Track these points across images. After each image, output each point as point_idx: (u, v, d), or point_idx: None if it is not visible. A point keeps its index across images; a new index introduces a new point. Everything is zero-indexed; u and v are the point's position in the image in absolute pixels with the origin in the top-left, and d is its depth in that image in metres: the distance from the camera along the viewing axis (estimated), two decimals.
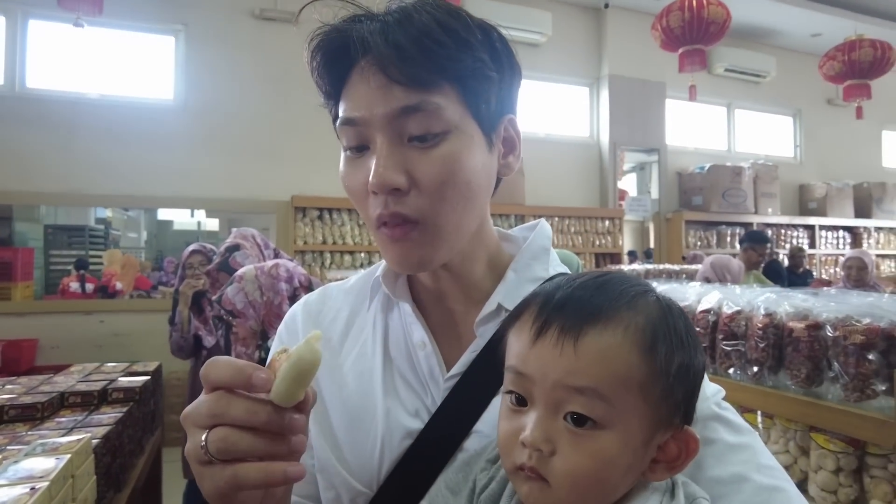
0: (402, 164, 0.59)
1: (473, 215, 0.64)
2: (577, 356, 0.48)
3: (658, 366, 0.49)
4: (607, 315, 0.50)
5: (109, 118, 4.49)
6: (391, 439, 0.66)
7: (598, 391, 0.48)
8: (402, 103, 0.58)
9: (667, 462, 0.51)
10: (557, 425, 0.49)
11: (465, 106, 0.61)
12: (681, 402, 0.51)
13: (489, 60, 0.61)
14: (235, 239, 2.52)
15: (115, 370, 2.17)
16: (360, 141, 0.61)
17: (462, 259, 0.68)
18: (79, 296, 4.57)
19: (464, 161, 0.60)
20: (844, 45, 5.01)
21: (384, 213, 0.60)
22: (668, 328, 0.50)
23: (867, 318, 1.25)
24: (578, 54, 6.35)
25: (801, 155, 7.84)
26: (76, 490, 1.19)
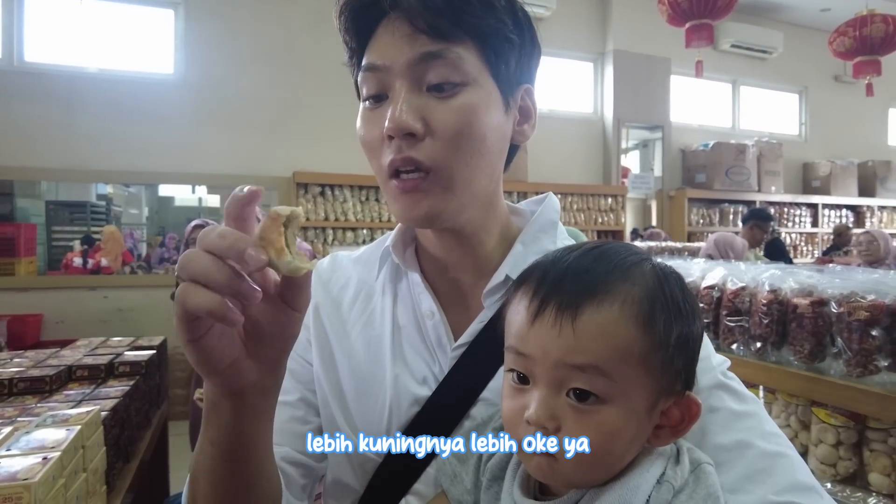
0: (419, 111, 0.60)
1: (486, 173, 0.65)
2: (576, 334, 0.48)
3: (657, 337, 0.49)
4: (604, 290, 0.50)
5: (109, 93, 4.45)
6: (399, 405, 0.67)
7: (599, 367, 0.48)
8: (425, 49, 0.59)
9: (670, 427, 0.52)
10: (560, 402, 0.49)
11: (485, 63, 0.62)
12: (682, 370, 0.51)
13: (511, 25, 0.63)
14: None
15: (121, 344, 2.19)
16: (379, 89, 0.62)
17: (476, 230, 0.69)
18: (81, 271, 4.59)
19: (480, 114, 0.61)
20: (856, 20, 4.92)
21: (396, 159, 0.60)
22: (665, 298, 0.51)
23: (872, 294, 1.25)
24: (583, 29, 6.26)
25: (806, 132, 7.77)
26: (87, 460, 1.21)
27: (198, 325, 0.45)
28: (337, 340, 0.74)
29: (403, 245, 0.75)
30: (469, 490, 0.59)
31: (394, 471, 0.67)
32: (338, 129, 4.67)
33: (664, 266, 0.54)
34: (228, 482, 0.55)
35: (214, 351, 0.47)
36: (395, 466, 0.67)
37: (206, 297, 0.42)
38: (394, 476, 0.67)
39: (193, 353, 0.46)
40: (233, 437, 0.53)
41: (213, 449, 0.54)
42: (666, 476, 0.50)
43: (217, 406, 0.52)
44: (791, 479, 0.56)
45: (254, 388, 0.51)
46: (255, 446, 0.55)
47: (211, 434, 0.53)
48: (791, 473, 0.56)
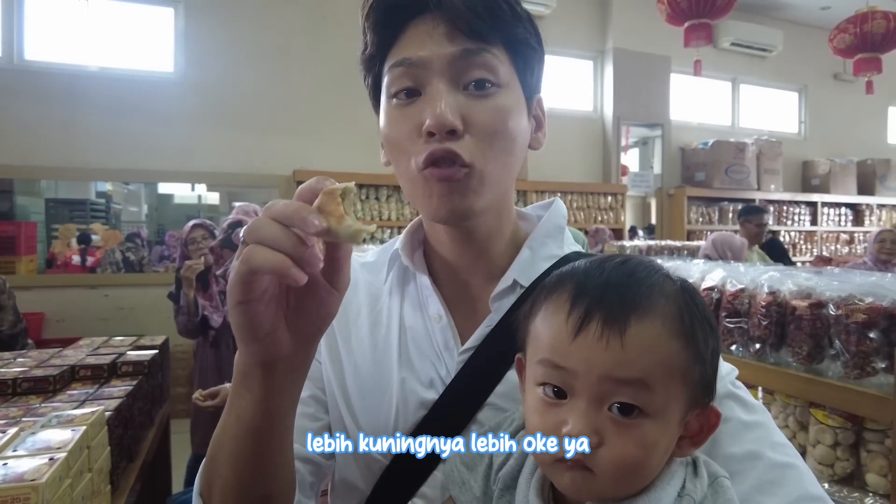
0: (458, 108, 0.61)
1: (512, 175, 0.67)
2: (623, 349, 0.48)
3: (698, 351, 0.50)
4: (647, 305, 0.50)
5: (110, 91, 4.45)
6: (406, 409, 0.68)
7: (645, 382, 0.48)
8: (464, 46, 0.61)
9: (690, 437, 0.53)
10: (602, 416, 0.49)
11: (514, 69, 0.65)
12: (710, 382, 0.53)
13: (535, 39, 0.66)
14: (238, 215, 2.51)
15: (123, 344, 2.20)
16: (414, 83, 0.62)
17: (489, 232, 0.70)
18: (81, 269, 4.59)
19: (513, 116, 0.63)
20: (856, 17, 4.92)
21: (438, 149, 0.60)
22: (698, 313, 0.52)
23: (870, 297, 1.26)
24: (583, 27, 6.26)
25: (806, 131, 7.78)
26: (92, 460, 1.22)
27: (254, 286, 0.47)
28: (344, 342, 0.74)
29: (412, 248, 0.75)
30: (478, 497, 0.59)
31: (400, 473, 0.67)
32: (339, 127, 4.68)
33: (687, 282, 0.56)
34: (251, 460, 0.56)
35: (258, 317, 0.49)
36: (402, 468, 0.67)
37: (272, 255, 0.45)
38: (400, 478, 0.67)
39: (240, 316, 0.48)
40: (260, 412, 0.53)
41: (238, 426, 0.54)
42: (686, 489, 0.51)
43: (248, 377, 0.53)
44: (801, 490, 0.56)
45: (286, 362, 0.52)
46: (280, 424, 0.56)
47: (238, 408, 0.54)
48: (801, 484, 0.57)
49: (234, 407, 0.54)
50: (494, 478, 0.59)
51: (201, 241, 2.79)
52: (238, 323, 0.49)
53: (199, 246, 2.78)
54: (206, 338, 2.72)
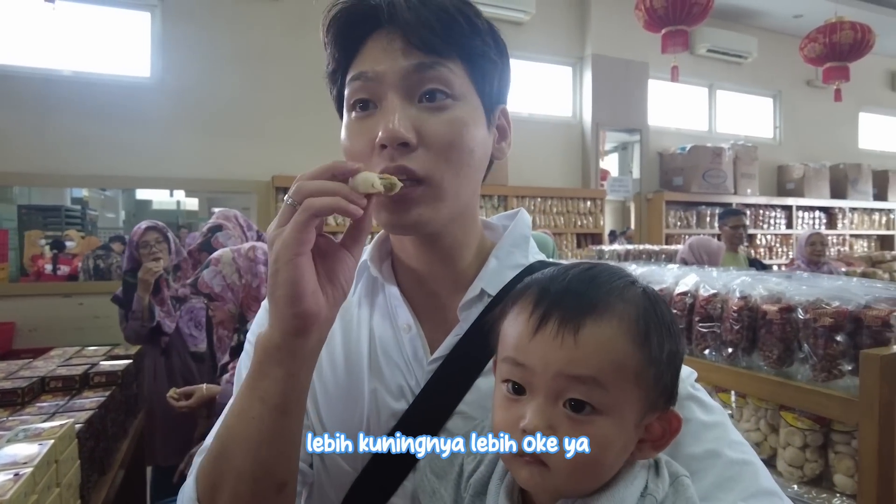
0: (411, 121, 0.61)
1: (471, 186, 0.67)
2: (577, 346, 0.51)
3: (651, 354, 0.52)
4: (603, 307, 0.52)
5: (84, 96, 4.38)
6: (377, 420, 0.68)
7: (597, 379, 0.50)
8: (418, 60, 0.61)
9: (652, 441, 0.54)
10: (557, 411, 0.51)
11: (471, 82, 0.65)
12: (668, 386, 0.54)
13: (493, 48, 0.66)
14: (218, 219, 2.48)
15: (97, 354, 2.16)
16: (370, 96, 0.64)
17: (455, 242, 0.71)
18: (52, 277, 4.50)
19: (469, 129, 0.64)
20: (825, 26, 5.04)
21: (390, 167, 0.61)
22: (657, 318, 0.54)
23: (836, 301, 1.29)
24: (562, 33, 6.31)
25: (780, 136, 7.93)
26: (60, 475, 1.19)
27: (309, 237, 0.54)
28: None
29: (380, 258, 0.76)
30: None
31: (370, 483, 0.67)
32: (317, 133, 4.64)
33: (651, 289, 0.57)
34: (275, 442, 0.57)
35: (308, 272, 0.54)
36: (372, 479, 0.67)
37: (328, 199, 0.53)
38: (370, 488, 0.67)
39: (293, 271, 0.53)
40: (290, 388, 0.56)
41: (263, 407, 0.56)
42: (648, 489, 0.53)
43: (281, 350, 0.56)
44: (756, 485, 0.59)
45: (319, 329, 0.57)
46: (302, 398, 0.59)
47: (262, 390, 0.56)
48: (756, 480, 0.59)
49: (257, 389, 0.57)
50: (465, 485, 0.60)
51: (155, 245, 2.70)
52: (290, 279, 0.53)
53: (153, 249, 2.69)
54: (155, 345, 2.63)
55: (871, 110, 8.69)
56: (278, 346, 0.56)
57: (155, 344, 2.64)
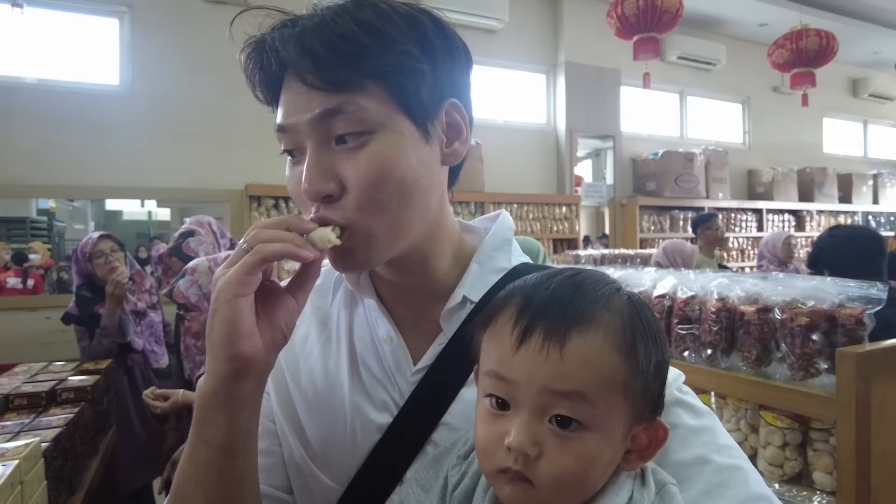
0: (330, 170, 0.59)
1: (415, 213, 0.62)
2: (563, 361, 0.49)
3: (638, 364, 0.51)
4: (589, 318, 0.50)
5: (50, 104, 4.26)
6: (360, 434, 0.66)
7: (583, 394, 0.49)
8: (323, 107, 0.58)
9: (638, 451, 0.53)
10: (543, 428, 0.49)
11: (393, 102, 0.59)
12: (655, 396, 0.53)
13: (419, 53, 0.60)
14: (191, 225, 2.43)
15: (65, 369, 2.09)
16: (293, 146, 0.62)
17: (423, 257, 0.68)
18: (20, 292, 4.36)
19: (394, 159, 0.59)
20: (792, 33, 5.19)
21: (314, 219, 0.60)
22: (643, 327, 0.52)
23: (811, 300, 1.31)
24: (535, 41, 6.38)
25: (750, 141, 8.12)
26: (25, 497, 1.14)
27: (255, 278, 0.55)
28: (292, 374, 0.72)
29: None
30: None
31: (357, 498, 0.66)
32: None
33: (636, 295, 0.56)
34: (224, 483, 0.57)
35: (245, 313, 0.54)
36: (359, 494, 0.66)
37: (280, 245, 0.55)
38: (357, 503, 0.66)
39: (232, 312, 0.53)
40: (232, 430, 0.56)
41: (208, 450, 0.56)
42: (633, 499, 0.51)
43: (218, 394, 0.55)
44: (746, 491, 0.58)
45: (257, 370, 0.56)
46: (249, 439, 0.59)
47: (206, 434, 0.56)
48: (746, 485, 0.58)
49: (202, 433, 0.56)
50: (450, 498, 0.58)
51: (111, 254, 2.58)
52: (227, 319, 0.54)
53: (109, 259, 2.58)
54: (118, 364, 2.50)
55: (834, 116, 8.97)
56: (215, 392, 0.55)
57: (119, 363, 2.52)
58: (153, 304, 2.80)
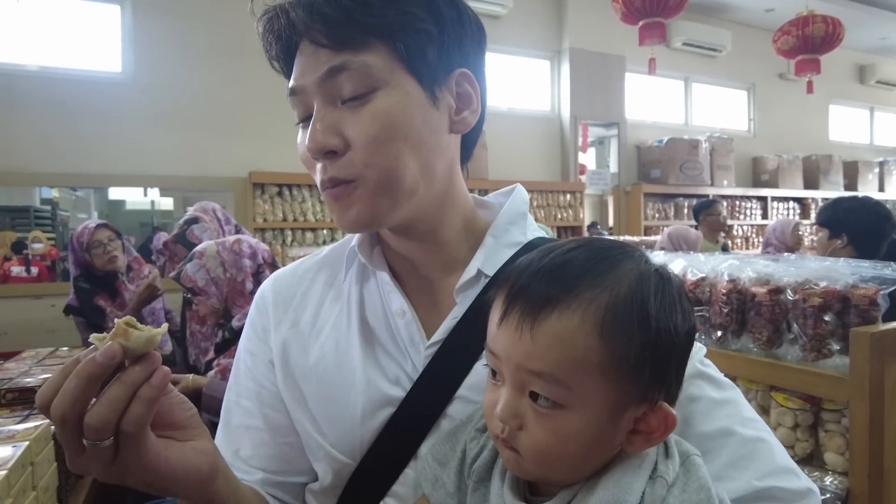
0: (335, 127, 0.60)
1: (418, 173, 0.63)
2: (533, 341, 0.49)
3: (617, 347, 0.48)
4: (568, 296, 0.49)
5: (52, 92, 4.24)
6: (372, 408, 0.66)
7: (554, 376, 0.48)
8: (329, 64, 0.59)
9: (646, 433, 0.51)
10: (523, 402, 0.50)
11: (398, 62, 0.60)
12: (655, 380, 0.50)
13: (425, 15, 0.61)
14: (195, 212, 2.43)
15: (70, 355, 2.09)
16: (304, 110, 0.63)
17: (432, 226, 0.68)
18: (25, 280, 4.36)
19: (398, 116, 0.60)
20: (798, 20, 5.13)
21: (325, 179, 0.61)
22: (632, 307, 0.49)
23: (824, 281, 1.29)
24: (539, 27, 6.32)
25: (755, 128, 8.06)
26: (36, 478, 1.15)
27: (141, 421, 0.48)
28: (301, 353, 0.72)
29: (370, 245, 0.73)
30: (451, 493, 0.58)
31: (371, 472, 0.66)
32: (294, 127, 4.57)
33: (649, 270, 0.52)
34: None
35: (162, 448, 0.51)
36: (373, 468, 0.66)
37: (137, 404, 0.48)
38: (372, 478, 0.66)
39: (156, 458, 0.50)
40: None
41: None
42: (658, 471, 0.51)
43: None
44: (772, 463, 0.58)
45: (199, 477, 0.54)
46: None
47: None
48: (771, 458, 0.58)
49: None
50: (469, 471, 0.58)
51: (109, 244, 2.57)
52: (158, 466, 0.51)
53: (108, 249, 2.57)
54: None
55: (840, 103, 8.88)
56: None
57: None
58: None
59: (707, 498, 0.49)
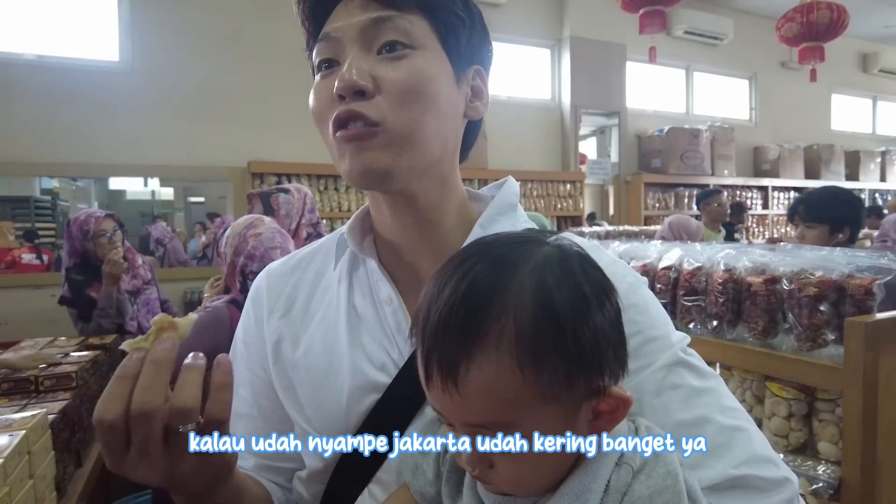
0: (368, 70, 0.60)
1: (436, 136, 0.64)
2: (464, 399, 0.47)
3: (544, 374, 0.46)
4: (476, 342, 0.46)
5: (50, 81, 4.22)
6: (358, 394, 0.67)
7: (498, 422, 0.48)
8: (376, 13, 0.61)
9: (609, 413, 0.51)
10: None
11: (435, 34, 0.64)
12: (593, 375, 0.49)
13: (462, 5, 0.66)
14: (290, 186, 2.44)
15: (69, 344, 2.10)
16: (333, 54, 0.63)
17: (431, 205, 0.68)
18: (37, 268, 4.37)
19: (430, 76, 0.62)
20: (802, 6, 5.07)
21: (342, 111, 0.60)
22: (541, 324, 0.46)
23: (820, 270, 1.29)
24: (539, 15, 6.27)
25: (756, 117, 8.01)
26: (33, 466, 1.15)
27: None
28: (292, 341, 0.73)
29: (361, 233, 0.74)
30: (431, 482, 0.59)
31: (357, 460, 0.66)
32: (294, 116, 4.56)
33: (545, 267, 0.49)
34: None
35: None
36: (358, 455, 0.66)
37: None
38: (357, 465, 0.66)
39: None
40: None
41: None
42: (624, 458, 0.51)
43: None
44: (749, 451, 0.57)
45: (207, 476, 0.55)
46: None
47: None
48: (749, 446, 0.58)
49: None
50: (443, 460, 0.59)
51: (113, 234, 2.57)
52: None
53: (112, 239, 2.56)
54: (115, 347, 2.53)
55: (843, 92, 8.82)
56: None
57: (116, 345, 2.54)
58: (148, 280, 2.81)
59: (674, 483, 0.49)
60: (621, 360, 0.51)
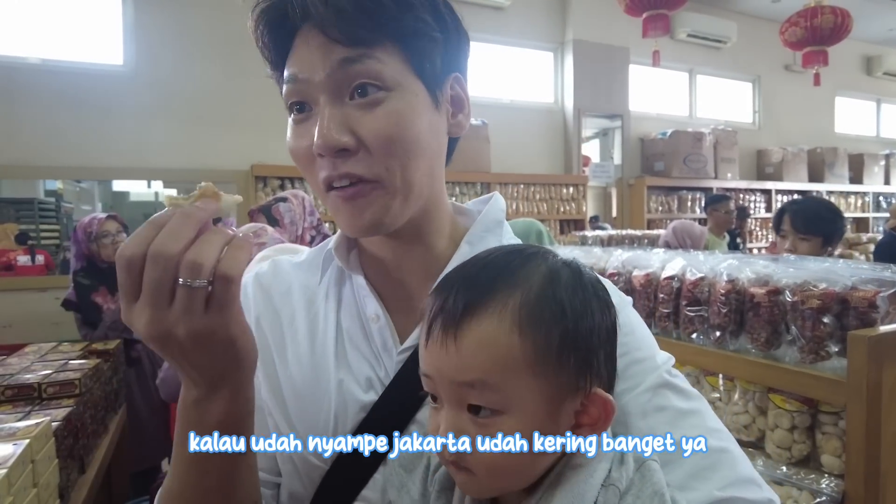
0: (345, 124, 0.58)
1: (426, 175, 0.64)
2: (459, 352, 0.49)
3: (539, 340, 0.49)
4: (484, 301, 0.50)
5: (54, 84, 4.24)
6: (344, 412, 0.67)
7: (485, 382, 0.49)
8: (342, 55, 0.58)
9: (589, 424, 0.52)
10: (464, 419, 0.50)
11: (407, 65, 0.61)
12: (582, 366, 0.51)
13: (432, 21, 0.62)
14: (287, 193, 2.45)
15: (73, 349, 2.11)
16: (303, 98, 0.61)
17: (420, 232, 0.68)
18: (31, 270, 4.38)
19: (409, 118, 0.60)
20: (806, 11, 5.06)
21: (333, 175, 0.59)
22: (545, 299, 0.51)
23: (823, 283, 1.29)
24: (543, 18, 6.27)
25: (760, 120, 8.00)
26: (37, 475, 1.16)
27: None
28: (278, 351, 0.72)
29: (347, 248, 0.74)
30: (416, 500, 0.59)
31: (341, 477, 0.66)
32: None
33: (559, 264, 0.54)
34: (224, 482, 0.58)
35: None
36: (343, 473, 0.66)
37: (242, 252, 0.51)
38: (341, 483, 0.66)
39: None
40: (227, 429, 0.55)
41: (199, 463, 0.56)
42: (611, 478, 0.51)
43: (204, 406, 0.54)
44: (734, 473, 0.58)
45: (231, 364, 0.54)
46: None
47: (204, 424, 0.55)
48: (733, 468, 0.58)
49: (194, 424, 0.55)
50: (430, 479, 0.59)
51: (117, 235, 2.57)
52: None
53: (116, 240, 2.56)
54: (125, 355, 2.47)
55: (846, 95, 8.81)
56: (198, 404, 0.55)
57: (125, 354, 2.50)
58: None
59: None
60: (610, 368, 0.54)
